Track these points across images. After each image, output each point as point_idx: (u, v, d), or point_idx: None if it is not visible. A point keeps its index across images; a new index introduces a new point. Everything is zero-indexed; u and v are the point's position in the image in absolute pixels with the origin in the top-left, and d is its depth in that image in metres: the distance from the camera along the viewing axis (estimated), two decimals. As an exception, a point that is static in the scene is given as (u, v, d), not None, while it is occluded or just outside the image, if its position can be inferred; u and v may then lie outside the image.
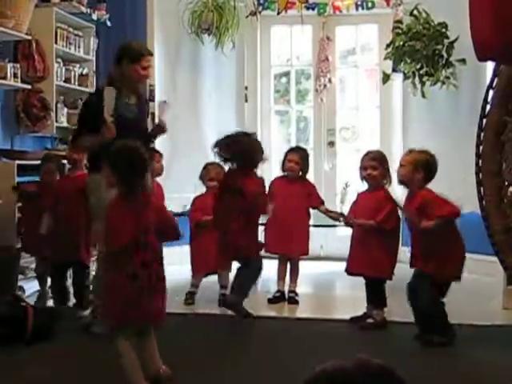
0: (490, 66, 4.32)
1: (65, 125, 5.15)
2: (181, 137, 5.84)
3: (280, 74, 6.66)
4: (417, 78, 5.22)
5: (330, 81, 6.11)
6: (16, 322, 3.46)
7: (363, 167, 3.91)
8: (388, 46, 5.36)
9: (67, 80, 5.25)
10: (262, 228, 4.40)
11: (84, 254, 4.15)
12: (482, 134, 3.88)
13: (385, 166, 3.90)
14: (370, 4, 5.94)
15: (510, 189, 3.84)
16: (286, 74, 6.59)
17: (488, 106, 3.85)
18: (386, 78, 5.47)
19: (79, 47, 5.42)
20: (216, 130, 5.99)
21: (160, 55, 5.66)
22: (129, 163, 2.78)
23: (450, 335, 3.49)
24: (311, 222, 4.69)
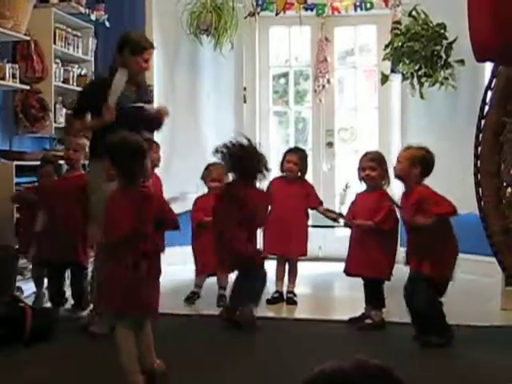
0: (488, 66, 4.32)
1: (63, 125, 5.14)
2: (179, 137, 5.84)
3: (278, 74, 6.66)
4: (415, 79, 5.22)
5: (328, 82, 6.10)
6: (14, 323, 3.46)
7: (362, 168, 3.92)
8: (386, 46, 5.36)
9: (66, 80, 5.24)
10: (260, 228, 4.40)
11: (82, 254, 4.15)
12: (481, 135, 3.89)
13: (383, 167, 3.90)
14: (368, 5, 5.94)
15: (509, 190, 3.84)
16: (285, 75, 6.58)
17: (486, 107, 3.85)
18: (384, 78, 5.47)
19: (78, 48, 5.41)
20: (215, 130, 6.00)
21: (158, 56, 5.64)
22: (128, 156, 2.79)
23: (448, 336, 3.49)
24: (310, 222, 4.70)
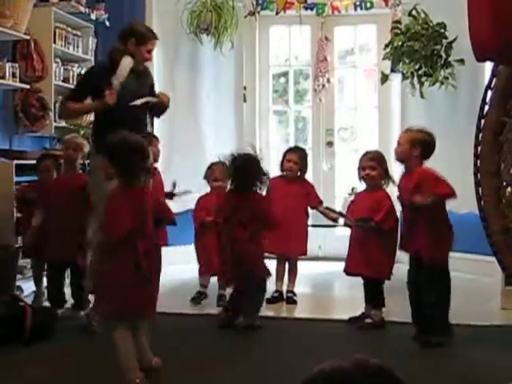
0: (488, 66, 4.32)
1: (63, 124, 5.14)
2: (179, 137, 5.84)
3: (278, 74, 6.66)
4: (415, 79, 5.22)
5: (328, 81, 6.10)
6: (14, 322, 3.46)
7: (362, 167, 3.92)
8: (386, 46, 5.36)
9: (66, 80, 5.24)
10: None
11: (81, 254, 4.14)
12: (481, 135, 3.88)
13: (383, 166, 3.90)
14: (368, 4, 5.94)
15: (509, 189, 3.84)
16: (285, 74, 6.58)
17: (486, 107, 3.85)
18: (384, 78, 5.47)
19: (78, 47, 5.42)
20: (214, 129, 6.01)
21: (158, 55, 5.63)
22: (128, 155, 2.78)
23: (448, 335, 3.50)
24: (310, 222, 4.70)
